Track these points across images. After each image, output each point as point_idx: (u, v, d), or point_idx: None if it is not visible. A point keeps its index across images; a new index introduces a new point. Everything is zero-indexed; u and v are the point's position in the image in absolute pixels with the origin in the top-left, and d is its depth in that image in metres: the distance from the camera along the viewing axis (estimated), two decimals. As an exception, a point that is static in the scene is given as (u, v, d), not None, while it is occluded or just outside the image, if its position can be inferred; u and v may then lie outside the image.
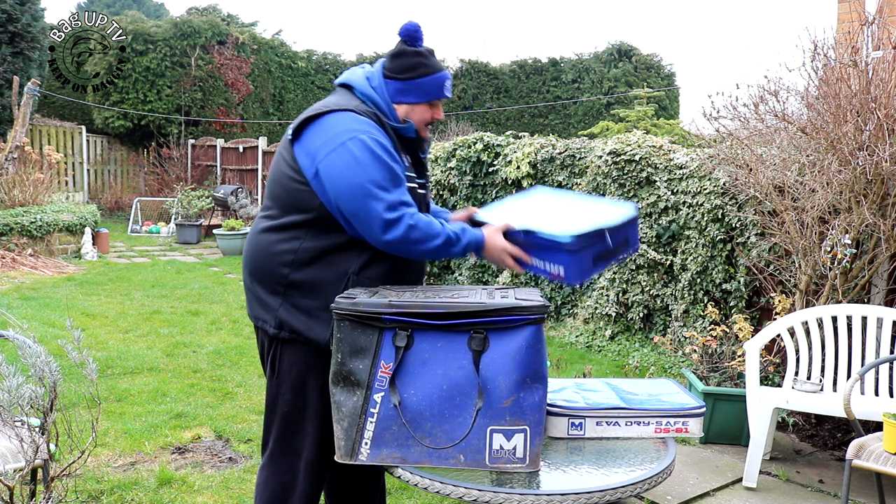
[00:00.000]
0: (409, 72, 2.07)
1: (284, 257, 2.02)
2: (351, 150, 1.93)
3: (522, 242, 2.04)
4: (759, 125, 4.09)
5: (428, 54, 2.11)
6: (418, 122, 2.11)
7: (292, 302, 2.02)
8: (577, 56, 19.54)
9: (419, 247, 1.95)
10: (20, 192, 9.58)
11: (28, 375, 2.05)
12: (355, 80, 2.12)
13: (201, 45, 15.39)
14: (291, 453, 2.06)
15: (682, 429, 2.00)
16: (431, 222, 1.98)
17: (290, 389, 2.05)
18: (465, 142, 7.08)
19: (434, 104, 2.13)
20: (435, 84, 2.09)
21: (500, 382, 1.72)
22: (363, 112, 2.03)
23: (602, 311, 5.70)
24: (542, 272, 2.04)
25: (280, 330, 2.04)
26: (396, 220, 1.91)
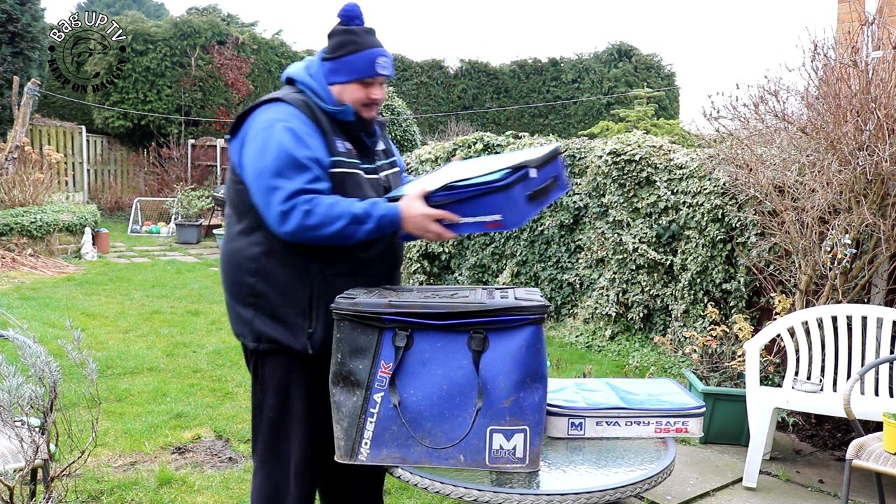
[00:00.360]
0: (339, 50, 2.03)
1: (249, 266, 2.00)
2: (261, 141, 1.92)
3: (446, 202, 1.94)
4: (759, 125, 4.09)
5: (361, 32, 2.04)
6: (353, 103, 2.04)
7: (265, 311, 2.00)
8: (577, 56, 19.54)
9: (321, 232, 1.87)
10: (20, 192, 9.58)
11: (28, 375, 2.05)
12: (295, 72, 2.10)
13: (201, 45, 15.39)
14: (281, 458, 2.06)
15: (682, 429, 2.00)
16: (335, 204, 1.88)
17: (273, 396, 2.05)
18: (465, 142, 7.08)
19: (367, 82, 2.04)
20: (364, 61, 2.02)
21: (500, 382, 1.72)
22: (292, 100, 1.99)
23: (602, 311, 5.70)
24: (477, 227, 1.95)
25: (259, 342, 2.02)
26: (289, 210, 1.86)
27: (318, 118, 1.99)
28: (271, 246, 1.97)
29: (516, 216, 1.90)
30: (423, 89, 18.85)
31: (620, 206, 5.53)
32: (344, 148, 2.03)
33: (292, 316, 1.98)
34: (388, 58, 2.07)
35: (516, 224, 1.91)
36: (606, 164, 5.61)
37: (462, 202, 1.92)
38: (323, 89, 2.05)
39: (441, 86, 19.13)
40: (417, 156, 7.76)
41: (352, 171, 2.02)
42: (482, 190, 1.89)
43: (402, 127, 12.59)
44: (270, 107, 1.99)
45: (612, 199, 5.59)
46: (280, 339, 1.99)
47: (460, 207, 1.93)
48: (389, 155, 2.26)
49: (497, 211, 1.89)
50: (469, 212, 1.92)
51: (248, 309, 2.02)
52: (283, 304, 1.98)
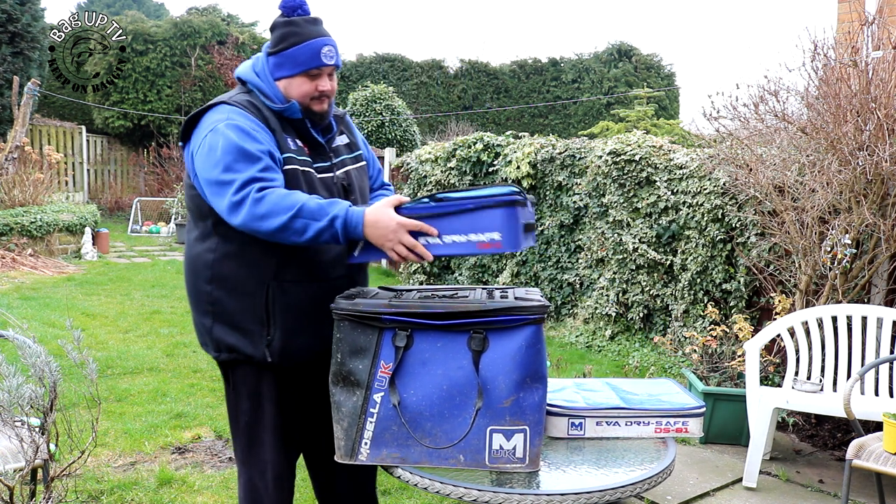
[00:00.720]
0: (281, 43, 1.94)
1: (205, 273, 1.96)
2: (208, 143, 1.86)
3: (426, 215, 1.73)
4: (759, 125, 4.09)
5: (303, 22, 1.94)
6: (302, 97, 1.95)
7: (222, 319, 1.96)
8: (577, 56, 19.54)
9: (268, 224, 1.74)
10: (20, 192, 9.58)
11: (28, 375, 2.05)
12: (242, 72, 2.03)
13: (201, 45, 15.39)
14: (259, 463, 2.05)
15: (683, 429, 2.00)
16: (288, 195, 1.76)
17: (247, 401, 2.03)
18: (465, 142, 7.08)
19: (313, 74, 1.94)
20: (307, 52, 1.92)
21: (500, 382, 1.72)
22: (237, 101, 1.94)
23: (602, 311, 5.70)
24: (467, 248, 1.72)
25: (220, 352, 1.99)
26: (241, 200, 1.76)
27: (265, 116, 1.92)
28: (226, 251, 1.93)
29: (514, 239, 1.72)
30: (423, 89, 18.85)
31: (620, 206, 5.53)
32: (294, 146, 1.95)
33: (249, 323, 1.93)
34: (333, 46, 1.96)
35: (513, 248, 1.72)
36: (606, 164, 5.61)
37: (450, 216, 1.72)
38: (269, 86, 1.97)
39: (441, 86, 19.12)
40: (417, 156, 7.76)
41: (303, 168, 1.94)
42: (481, 203, 1.70)
43: (402, 127, 12.59)
44: (214, 110, 1.94)
45: (612, 199, 5.59)
46: (239, 346, 1.94)
47: (447, 222, 1.73)
48: (353, 149, 2.15)
49: (496, 229, 1.70)
50: (460, 228, 1.72)
51: (207, 317, 1.97)
52: (239, 312, 1.93)
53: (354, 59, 18.33)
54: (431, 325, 1.73)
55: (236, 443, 2.10)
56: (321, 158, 2.02)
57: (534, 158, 6.34)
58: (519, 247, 1.74)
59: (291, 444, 2.10)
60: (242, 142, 1.83)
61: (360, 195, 2.11)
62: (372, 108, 12.50)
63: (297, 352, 1.97)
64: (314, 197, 1.81)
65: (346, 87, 17.42)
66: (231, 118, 1.88)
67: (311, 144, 2.01)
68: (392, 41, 60.77)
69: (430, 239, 1.76)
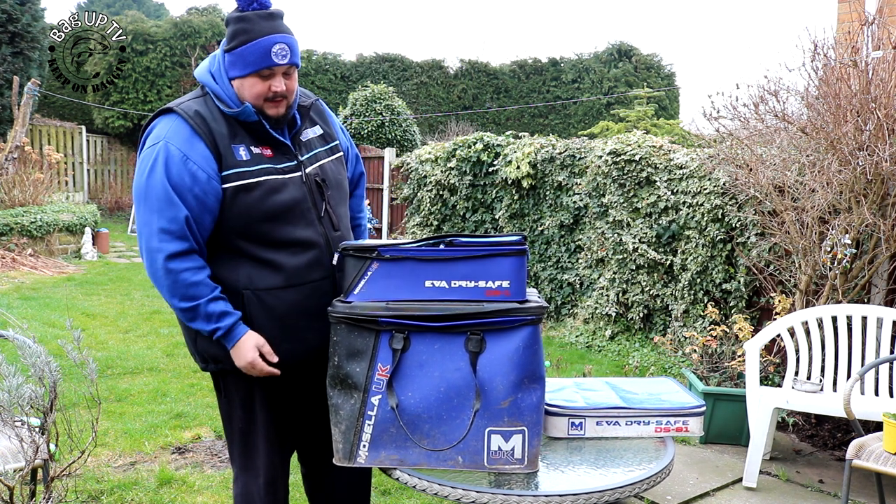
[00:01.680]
0: (233, 41, 1.83)
1: None
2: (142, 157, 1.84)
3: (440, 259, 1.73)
4: (759, 125, 4.09)
5: (255, 18, 1.81)
6: (255, 98, 1.85)
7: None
8: (577, 56, 19.54)
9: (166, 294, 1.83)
10: (20, 192, 9.59)
11: (28, 375, 2.05)
12: (199, 74, 1.93)
13: (201, 45, 15.40)
14: (253, 468, 2.05)
15: (683, 428, 2.00)
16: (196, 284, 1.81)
17: (240, 407, 2.03)
18: (465, 142, 7.08)
19: (265, 75, 1.83)
20: (256, 52, 1.80)
21: (498, 383, 1.71)
22: (182, 111, 1.85)
23: (602, 311, 5.70)
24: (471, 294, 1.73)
25: (207, 363, 1.98)
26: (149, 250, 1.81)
27: (210, 129, 1.83)
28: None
29: (522, 287, 1.74)
30: (423, 89, 18.85)
31: (620, 206, 5.53)
32: (247, 154, 1.85)
33: None
34: (286, 44, 1.83)
35: (521, 296, 1.73)
36: (606, 164, 5.61)
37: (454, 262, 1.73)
38: (224, 88, 1.87)
39: (441, 86, 19.12)
40: (417, 156, 7.76)
41: (258, 179, 1.84)
42: (491, 251, 1.72)
43: (402, 127, 12.59)
44: (161, 120, 1.87)
45: (612, 199, 5.59)
46: (222, 356, 1.92)
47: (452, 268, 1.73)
48: (328, 139, 2.06)
49: (505, 277, 1.72)
50: (467, 275, 1.73)
51: (191, 329, 1.95)
52: None
53: (354, 59, 18.33)
54: (428, 327, 1.72)
55: (232, 449, 2.10)
56: (286, 158, 1.92)
57: (534, 158, 6.34)
58: (522, 295, 1.75)
59: (285, 449, 2.09)
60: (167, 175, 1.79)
61: (337, 188, 2.03)
62: (372, 108, 12.50)
63: (282, 358, 1.92)
64: (214, 295, 1.83)
65: (346, 87, 17.43)
66: (168, 138, 1.82)
67: (272, 145, 1.91)
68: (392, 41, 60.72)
69: (435, 282, 1.75)
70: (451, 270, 1.75)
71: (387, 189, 8.70)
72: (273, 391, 2.02)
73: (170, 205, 1.79)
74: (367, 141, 12.21)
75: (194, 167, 1.81)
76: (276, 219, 1.87)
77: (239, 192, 1.83)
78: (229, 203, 1.84)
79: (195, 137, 1.82)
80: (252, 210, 1.85)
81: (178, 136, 1.82)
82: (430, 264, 1.75)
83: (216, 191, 1.83)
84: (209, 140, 1.83)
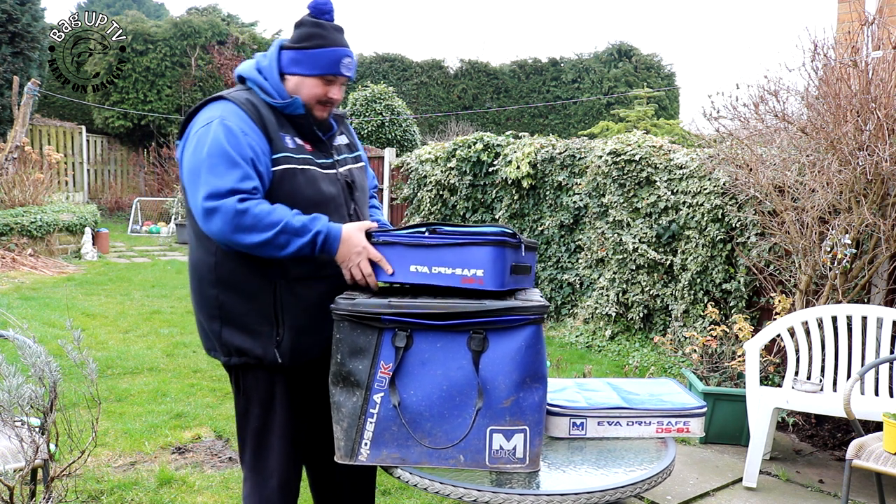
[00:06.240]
0: (304, 41, 1.95)
1: (209, 276, 1.94)
2: (195, 140, 1.86)
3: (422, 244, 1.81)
4: (759, 125, 4.09)
5: (330, 28, 1.97)
6: (308, 98, 1.97)
7: (230, 322, 1.94)
8: (577, 56, 19.55)
9: (250, 237, 1.77)
10: (20, 192, 9.59)
11: (28, 375, 2.05)
12: (244, 69, 2.03)
13: (201, 45, 15.40)
14: (266, 468, 2.04)
15: (684, 429, 2.00)
16: (272, 210, 1.80)
17: (258, 407, 2.02)
18: (465, 142, 7.08)
19: (329, 80, 1.97)
20: (329, 58, 1.95)
21: (500, 382, 1.71)
22: (234, 98, 1.93)
23: (602, 311, 5.70)
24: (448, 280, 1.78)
25: (229, 356, 1.98)
26: (215, 207, 1.77)
27: (260, 115, 1.92)
28: (228, 253, 1.90)
29: (498, 279, 1.77)
30: (423, 89, 18.85)
31: (620, 206, 5.53)
32: (293, 143, 1.94)
33: (258, 325, 1.92)
34: (352, 59, 2.01)
35: (496, 286, 1.77)
36: (606, 164, 5.61)
37: (440, 248, 1.78)
38: (272, 84, 1.96)
39: (441, 86, 19.12)
40: (417, 156, 7.76)
41: (302, 166, 1.93)
42: (469, 240, 1.77)
43: (402, 127, 12.59)
44: (211, 106, 1.93)
45: (612, 199, 5.59)
46: (248, 349, 1.93)
47: (437, 253, 1.79)
48: (353, 149, 2.17)
49: (480, 265, 1.76)
50: (448, 261, 1.78)
51: (215, 322, 1.96)
52: (247, 313, 1.92)
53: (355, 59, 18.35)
54: (431, 325, 1.73)
55: (243, 448, 2.09)
56: (324, 155, 2.02)
57: (534, 158, 6.34)
58: (503, 286, 1.78)
59: (300, 449, 2.08)
60: (228, 144, 1.82)
61: (362, 192, 2.13)
62: (372, 108, 12.50)
63: (307, 350, 1.96)
64: (296, 212, 1.84)
65: (346, 88, 17.44)
66: (225, 117, 1.87)
67: (312, 141, 2.01)
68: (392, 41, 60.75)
69: (419, 267, 1.81)
70: (433, 256, 1.80)
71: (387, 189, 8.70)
72: (293, 388, 2.01)
73: (236, 166, 1.82)
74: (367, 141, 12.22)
75: (252, 142, 1.87)
76: (315, 207, 1.92)
77: (286, 176, 1.90)
78: (277, 185, 1.90)
79: (249, 119, 1.90)
80: (296, 195, 1.90)
81: (234, 116, 1.89)
82: (416, 250, 1.82)
83: (269, 170, 1.89)
84: (260, 124, 1.91)
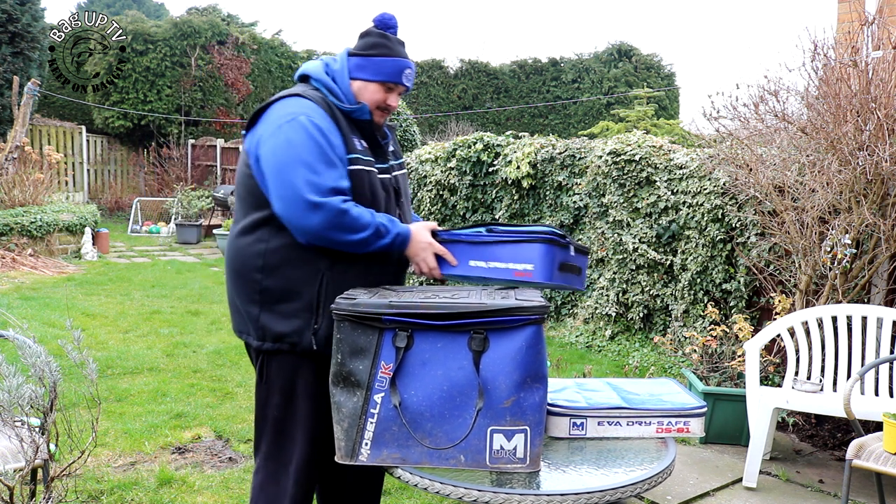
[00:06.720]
0: (371, 49, 2.08)
1: (255, 262, 1.98)
2: (286, 132, 1.93)
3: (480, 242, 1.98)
4: (759, 125, 4.09)
5: (395, 41, 2.10)
6: (370, 102, 2.08)
7: (271, 308, 1.98)
8: (577, 56, 19.55)
9: (346, 235, 1.90)
10: (20, 192, 9.59)
11: (28, 375, 2.05)
12: (311, 69, 2.12)
13: (201, 45, 15.40)
14: (283, 458, 2.05)
15: (684, 429, 2.00)
16: (363, 212, 1.94)
17: (279, 394, 2.04)
18: (465, 142, 7.08)
19: (390, 88, 2.09)
20: (393, 67, 2.07)
21: (501, 383, 1.72)
22: (310, 96, 2.02)
23: (602, 311, 5.70)
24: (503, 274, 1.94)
25: (263, 341, 2.01)
26: (320, 204, 1.87)
27: (335, 115, 2.02)
28: (282, 242, 1.97)
29: (546, 273, 1.92)
30: (423, 89, 18.85)
31: (620, 206, 5.53)
32: (360, 146, 2.05)
33: (299, 312, 1.97)
34: (413, 71, 2.14)
35: (544, 279, 1.92)
36: (606, 164, 5.61)
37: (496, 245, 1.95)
38: (342, 87, 2.07)
39: (441, 86, 19.12)
40: (417, 156, 7.76)
41: (368, 168, 2.04)
42: (522, 237, 1.93)
43: (402, 127, 12.60)
44: (291, 100, 2.00)
45: (612, 199, 5.59)
46: (286, 333, 1.97)
47: (492, 250, 1.95)
48: (398, 156, 2.28)
49: (530, 260, 1.91)
50: (502, 256, 1.94)
51: (255, 306, 2.00)
52: (290, 301, 1.97)
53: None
54: (432, 325, 1.73)
55: (260, 438, 2.10)
56: (381, 159, 2.13)
57: (534, 158, 6.34)
58: (551, 279, 1.93)
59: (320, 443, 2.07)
60: (323, 144, 1.93)
61: (406, 198, 2.24)
62: (372, 108, 12.49)
63: None
64: (375, 212, 1.98)
65: (398, 97, 17.47)
66: (310, 114, 1.96)
67: (373, 146, 2.12)
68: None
69: (477, 262, 1.98)
70: (490, 252, 1.96)
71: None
72: (318, 379, 2.01)
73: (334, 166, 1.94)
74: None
75: (337, 141, 1.99)
76: (374, 207, 2.03)
77: (355, 176, 2.01)
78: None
79: (330, 120, 2.00)
80: (360, 196, 2.00)
81: (318, 114, 1.98)
82: (475, 246, 1.98)
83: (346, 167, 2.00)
84: (338, 125, 2.01)
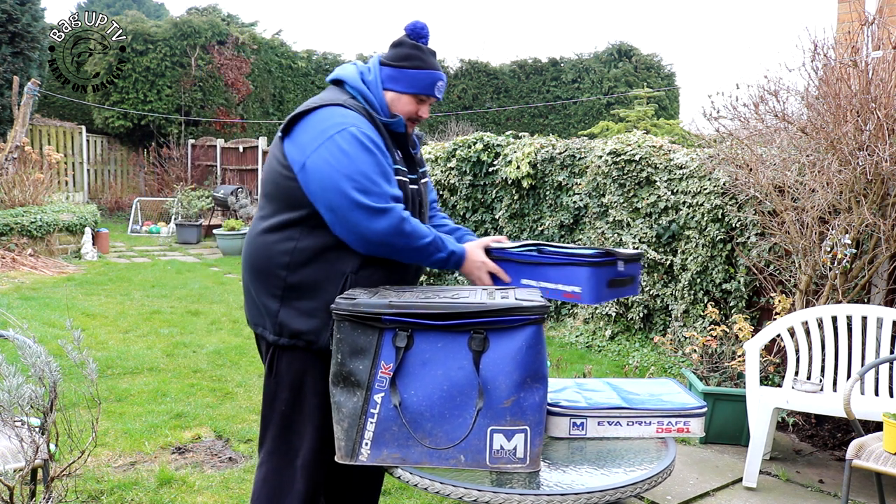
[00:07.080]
0: (404, 61, 2.09)
1: (281, 259, 2.00)
2: (339, 143, 1.93)
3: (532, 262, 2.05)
4: (759, 125, 4.09)
5: (428, 52, 2.12)
6: (402, 114, 2.10)
7: (291, 304, 2.00)
8: (577, 56, 19.55)
9: (407, 242, 1.94)
10: (20, 192, 9.59)
11: (28, 375, 2.05)
12: (347, 76, 2.12)
13: (201, 45, 15.40)
14: (289, 452, 2.05)
15: (684, 429, 2.00)
16: (420, 223, 1.98)
17: (287, 389, 2.05)
18: (465, 142, 7.08)
19: (422, 100, 2.12)
20: (426, 79, 2.10)
21: (501, 383, 1.71)
22: (352, 106, 2.03)
23: (602, 310, 5.70)
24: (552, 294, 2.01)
25: (280, 336, 2.02)
26: (386, 209, 1.90)
27: (378, 127, 2.03)
28: (313, 242, 1.98)
29: (593, 295, 1.98)
30: (423, 89, 18.82)
31: (620, 206, 5.53)
32: (398, 157, 2.08)
33: (318, 311, 1.98)
34: (444, 82, 2.16)
35: (592, 301, 1.99)
36: (606, 164, 5.61)
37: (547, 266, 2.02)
38: (378, 100, 2.09)
39: (441, 86, 19.08)
40: (417, 156, 7.76)
41: (403, 179, 2.07)
42: (569, 260, 1.99)
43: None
44: (336, 109, 2.00)
45: (612, 199, 5.59)
46: (303, 331, 1.99)
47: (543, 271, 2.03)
48: (422, 165, 2.31)
49: (578, 283, 1.98)
50: (552, 277, 2.01)
51: (275, 301, 2.02)
52: (312, 300, 1.99)
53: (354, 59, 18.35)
54: (432, 325, 1.73)
55: (266, 431, 2.10)
56: (412, 171, 2.16)
57: (534, 158, 6.34)
58: (599, 300, 2.01)
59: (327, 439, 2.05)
60: (377, 154, 1.96)
61: (427, 207, 2.26)
62: (372, 108, 12.49)
63: None
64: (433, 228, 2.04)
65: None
66: (359, 125, 1.97)
67: (406, 157, 2.15)
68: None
69: (529, 281, 2.06)
70: (540, 273, 2.04)
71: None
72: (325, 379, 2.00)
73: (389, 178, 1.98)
74: (367, 141, 12.21)
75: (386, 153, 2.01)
76: None
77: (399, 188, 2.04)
78: None
79: (375, 131, 2.02)
80: None
81: (366, 125, 2.00)
82: (526, 267, 2.06)
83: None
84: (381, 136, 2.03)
